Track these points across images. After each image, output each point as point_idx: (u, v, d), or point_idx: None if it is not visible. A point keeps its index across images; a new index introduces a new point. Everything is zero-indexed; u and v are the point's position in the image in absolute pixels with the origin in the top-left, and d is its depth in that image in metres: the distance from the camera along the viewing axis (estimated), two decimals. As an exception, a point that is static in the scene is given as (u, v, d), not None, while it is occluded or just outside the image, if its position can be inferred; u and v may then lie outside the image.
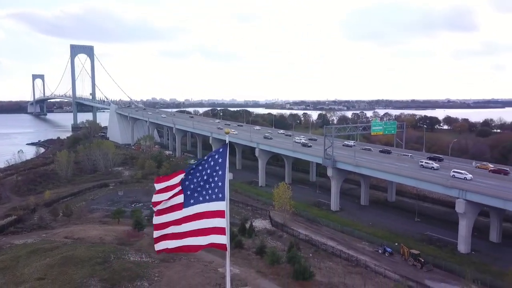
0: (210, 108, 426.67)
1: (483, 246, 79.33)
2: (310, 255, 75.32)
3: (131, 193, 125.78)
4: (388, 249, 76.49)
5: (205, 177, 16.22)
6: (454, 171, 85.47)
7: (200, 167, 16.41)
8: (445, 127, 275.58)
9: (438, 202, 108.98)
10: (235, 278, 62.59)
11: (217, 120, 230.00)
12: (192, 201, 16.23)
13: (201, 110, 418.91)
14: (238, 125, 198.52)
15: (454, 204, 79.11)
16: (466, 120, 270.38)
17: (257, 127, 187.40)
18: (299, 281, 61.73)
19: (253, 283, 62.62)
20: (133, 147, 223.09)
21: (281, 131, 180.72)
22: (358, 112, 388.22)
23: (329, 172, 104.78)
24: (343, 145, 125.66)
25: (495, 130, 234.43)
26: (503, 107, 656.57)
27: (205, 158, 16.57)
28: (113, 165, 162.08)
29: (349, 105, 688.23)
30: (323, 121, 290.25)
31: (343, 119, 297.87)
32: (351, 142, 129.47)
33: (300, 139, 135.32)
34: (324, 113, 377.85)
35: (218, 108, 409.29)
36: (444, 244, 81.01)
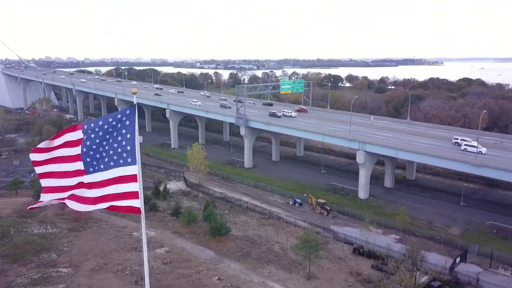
0: (114, 68, 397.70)
1: (379, 192, 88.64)
2: (226, 211, 77.35)
3: (29, 162, 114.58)
4: (298, 200, 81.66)
5: (110, 141, 15.15)
6: (466, 145, 75.50)
7: (101, 133, 15.22)
8: (348, 84, 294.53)
9: (341, 155, 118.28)
10: (151, 241, 62.07)
11: (134, 82, 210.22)
12: (95, 168, 15.18)
13: (104, 69, 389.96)
14: (157, 88, 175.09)
15: (355, 156, 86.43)
16: (365, 78, 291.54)
17: (173, 90, 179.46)
18: (216, 237, 63.40)
19: (170, 243, 62.77)
20: (27, 111, 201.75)
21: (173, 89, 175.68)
22: (267, 71, 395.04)
23: (242, 131, 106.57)
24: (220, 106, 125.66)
25: (390, 87, 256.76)
26: (396, 65, 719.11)
27: (108, 120, 15.37)
28: (5, 132, 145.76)
29: (259, 64, 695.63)
30: (234, 80, 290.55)
31: (254, 79, 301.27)
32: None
33: (196, 101, 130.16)
34: (235, 72, 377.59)
35: (123, 68, 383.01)
36: (347, 192, 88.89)
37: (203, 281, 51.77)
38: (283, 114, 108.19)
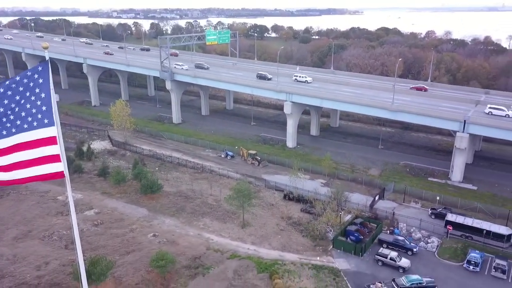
0: (17, 18, 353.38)
1: (306, 140, 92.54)
2: (157, 169, 76.01)
3: None
4: (230, 153, 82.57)
5: (22, 102, 13.67)
6: (490, 107, 70.40)
7: (10, 93, 13.65)
8: (274, 35, 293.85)
9: (269, 106, 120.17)
10: (79, 203, 59.57)
11: (40, 34, 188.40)
12: (5, 132, 13.74)
13: (4, 20, 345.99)
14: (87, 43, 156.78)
15: (283, 107, 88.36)
16: (291, 28, 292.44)
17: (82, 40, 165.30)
18: (148, 195, 62.55)
19: (100, 204, 60.79)
20: None
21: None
22: (191, 21, 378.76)
23: (168, 86, 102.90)
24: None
25: (314, 37, 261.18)
26: (320, 15, 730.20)
27: (17, 79, 13.77)
28: None
29: (181, 13, 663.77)
30: (156, 31, 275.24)
31: (177, 29, 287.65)
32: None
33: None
34: (156, 22, 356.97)
35: (28, 18, 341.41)
36: (276, 142, 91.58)
37: (138, 239, 51.47)
38: (295, 79, 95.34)
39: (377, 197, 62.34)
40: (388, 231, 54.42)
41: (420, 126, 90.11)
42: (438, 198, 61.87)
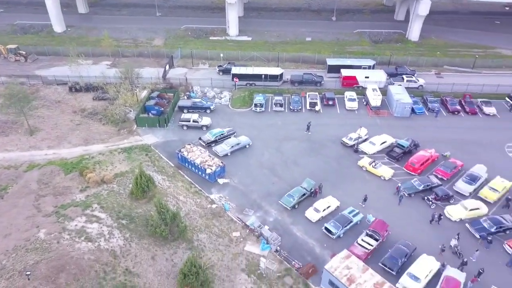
0: None
1: (75, 21, 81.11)
2: None
3: None
4: (-18, 53, 66.44)
5: None
6: None
7: None
8: None
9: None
10: None
11: None
12: None
13: None
14: None
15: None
16: None
17: None
18: None
19: None
20: None
21: None
22: None
23: None
24: None
25: None
26: None
27: None
28: None
29: None
30: None
31: None
32: None
33: None
34: None
35: None
36: (39, 29, 77.50)
37: None
38: None
39: (167, 67, 62.45)
40: (185, 97, 56.69)
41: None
42: (221, 55, 66.14)
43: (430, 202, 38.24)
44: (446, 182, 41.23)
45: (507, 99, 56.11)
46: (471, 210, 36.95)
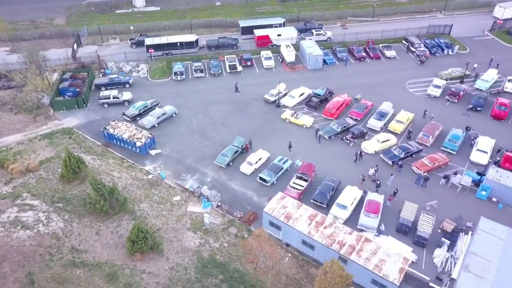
0: None
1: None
2: None
3: None
4: None
5: None
6: None
7: None
8: None
9: None
10: None
11: None
12: None
13: None
14: None
15: None
16: None
17: None
18: None
19: None
20: None
21: None
22: None
23: None
24: None
25: None
26: None
27: None
28: None
29: None
30: None
31: None
32: None
33: None
34: None
35: None
36: None
37: None
38: None
39: (75, 46, 59.22)
40: (101, 74, 54.70)
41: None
42: (132, 27, 64.08)
43: (348, 141, 42.42)
44: (360, 121, 45.72)
45: (403, 41, 62.24)
46: (383, 142, 41.79)
